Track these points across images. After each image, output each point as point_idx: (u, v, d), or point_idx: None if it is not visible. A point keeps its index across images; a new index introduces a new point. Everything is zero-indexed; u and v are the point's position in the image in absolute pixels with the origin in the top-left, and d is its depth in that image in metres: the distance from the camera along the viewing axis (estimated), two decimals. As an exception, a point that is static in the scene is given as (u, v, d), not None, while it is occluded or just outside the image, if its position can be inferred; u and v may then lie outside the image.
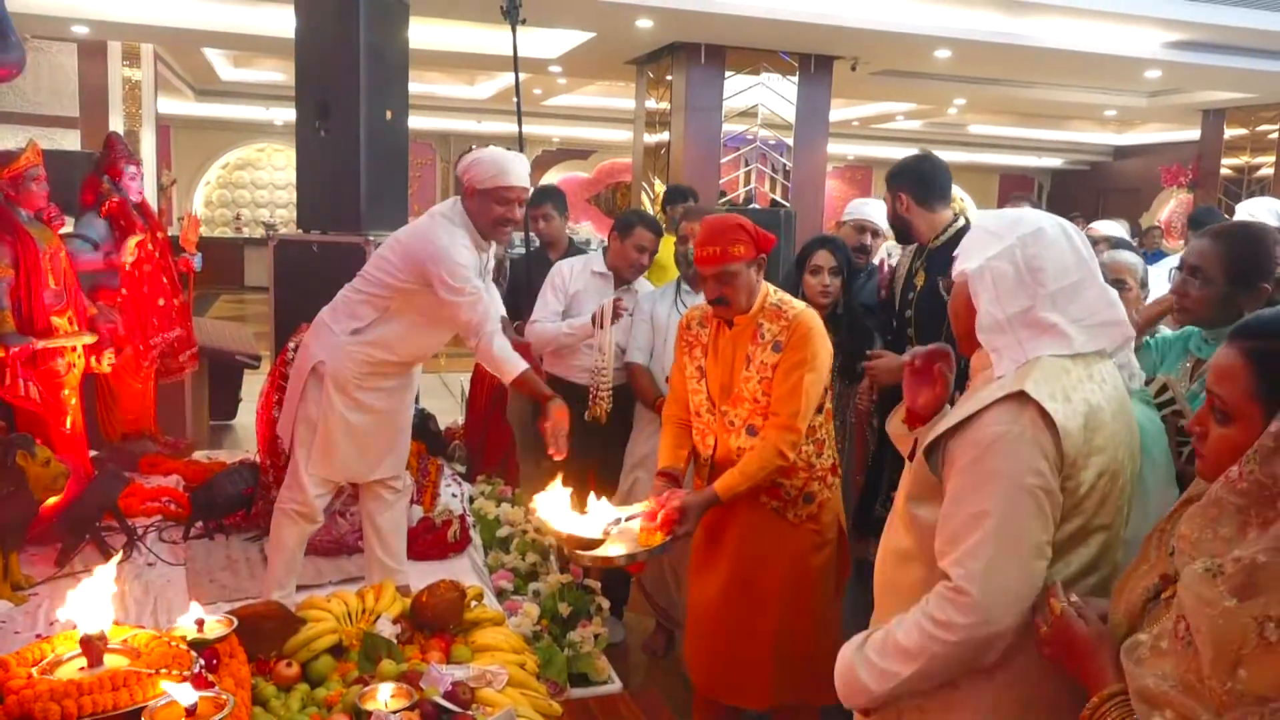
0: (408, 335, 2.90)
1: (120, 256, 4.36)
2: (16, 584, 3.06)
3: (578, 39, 8.67)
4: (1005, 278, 1.55)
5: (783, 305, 2.66)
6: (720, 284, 2.61)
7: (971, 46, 8.30)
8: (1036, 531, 1.47)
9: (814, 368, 2.59)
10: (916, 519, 1.63)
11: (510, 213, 2.84)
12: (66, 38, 9.06)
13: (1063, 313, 1.55)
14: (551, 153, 18.19)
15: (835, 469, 2.79)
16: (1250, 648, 1.01)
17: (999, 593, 1.46)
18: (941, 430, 1.56)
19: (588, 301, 3.80)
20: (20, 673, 1.78)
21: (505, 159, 2.83)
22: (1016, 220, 1.61)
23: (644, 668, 3.80)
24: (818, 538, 2.72)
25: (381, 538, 3.13)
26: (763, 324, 2.64)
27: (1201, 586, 1.07)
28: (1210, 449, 1.25)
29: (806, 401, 2.58)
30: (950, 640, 1.48)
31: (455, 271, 2.74)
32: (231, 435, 6.68)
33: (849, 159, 18.67)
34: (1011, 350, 1.55)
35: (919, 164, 3.23)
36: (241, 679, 1.95)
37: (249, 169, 17.36)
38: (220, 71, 12.17)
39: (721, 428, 2.72)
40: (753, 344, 2.65)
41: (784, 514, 2.69)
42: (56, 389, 3.68)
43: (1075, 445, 1.47)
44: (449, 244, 2.76)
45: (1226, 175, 11.45)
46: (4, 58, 3.54)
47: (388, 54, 4.78)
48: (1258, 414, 1.15)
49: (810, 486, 2.70)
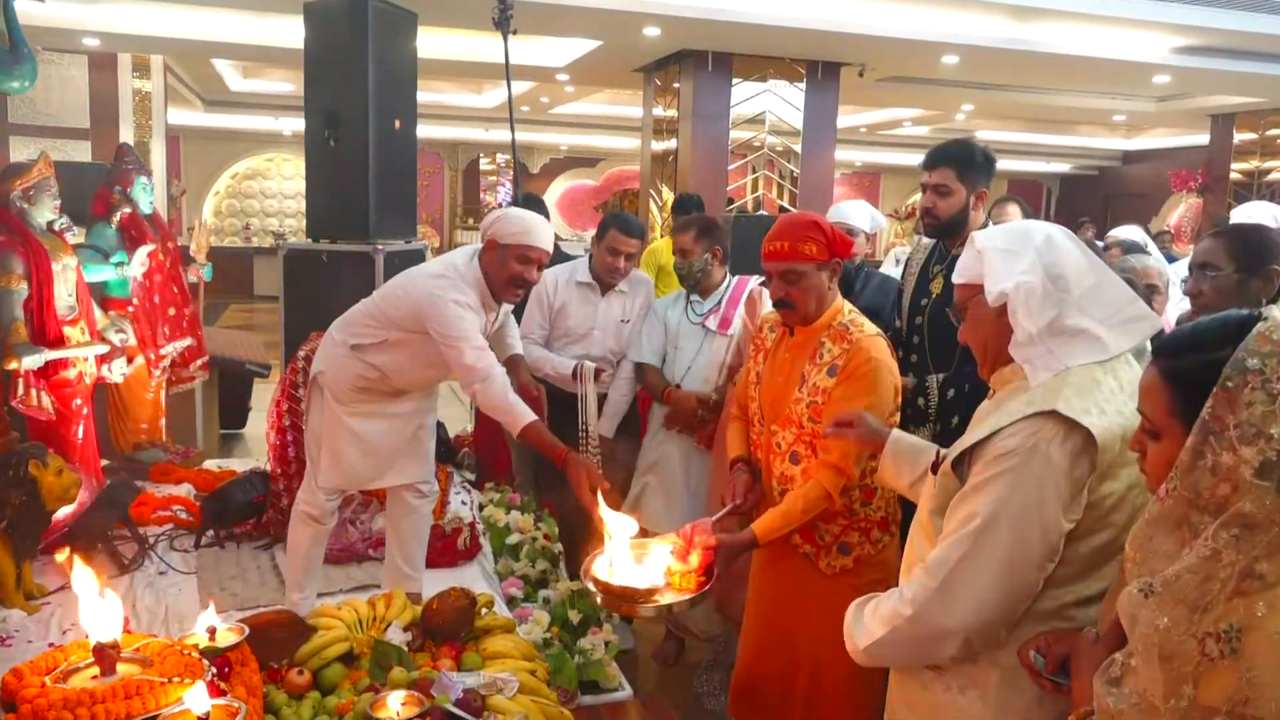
0: (406, 367, 2.88)
1: (131, 267, 4.39)
2: (29, 593, 3.07)
3: (585, 47, 8.69)
4: (1034, 292, 1.55)
5: (851, 327, 2.42)
6: (786, 284, 2.41)
7: (979, 52, 8.30)
8: (1027, 547, 1.48)
9: (874, 405, 2.32)
10: (940, 531, 1.63)
11: (528, 274, 2.76)
12: (77, 50, 9.13)
13: (1089, 315, 1.55)
14: (559, 160, 18.24)
15: (887, 525, 2.50)
16: (1193, 665, 1.02)
17: (958, 590, 1.52)
18: (970, 444, 1.58)
19: (574, 313, 3.74)
20: (34, 681, 1.79)
21: (534, 220, 2.78)
22: (1024, 234, 1.61)
23: (654, 675, 3.79)
24: (857, 596, 2.51)
25: (402, 543, 3.13)
26: (825, 342, 2.42)
27: (1138, 607, 1.08)
28: (1149, 466, 1.26)
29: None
30: (905, 615, 1.60)
31: (452, 328, 2.68)
32: (242, 444, 6.70)
33: (856, 165, 18.67)
34: (1045, 360, 1.56)
35: (987, 157, 2.83)
36: (253, 687, 1.95)
37: (258, 179, 17.43)
38: (229, 82, 12.24)
39: (768, 448, 2.56)
40: (810, 362, 2.43)
41: (816, 561, 2.48)
42: (68, 399, 3.70)
43: (1109, 459, 1.49)
44: (450, 301, 2.69)
45: (1236, 180, 11.42)
46: (16, 70, 3.56)
47: (396, 64, 4.80)
48: (1179, 430, 1.16)
49: (848, 536, 2.46)
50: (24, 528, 3.01)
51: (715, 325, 3.59)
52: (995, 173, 2.86)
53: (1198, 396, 1.09)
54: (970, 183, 2.80)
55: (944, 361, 2.88)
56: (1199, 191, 12.34)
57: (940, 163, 2.82)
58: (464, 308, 2.70)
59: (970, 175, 2.80)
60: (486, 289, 2.79)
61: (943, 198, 2.82)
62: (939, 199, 2.83)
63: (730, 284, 3.65)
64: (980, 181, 2.82)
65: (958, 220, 2.82)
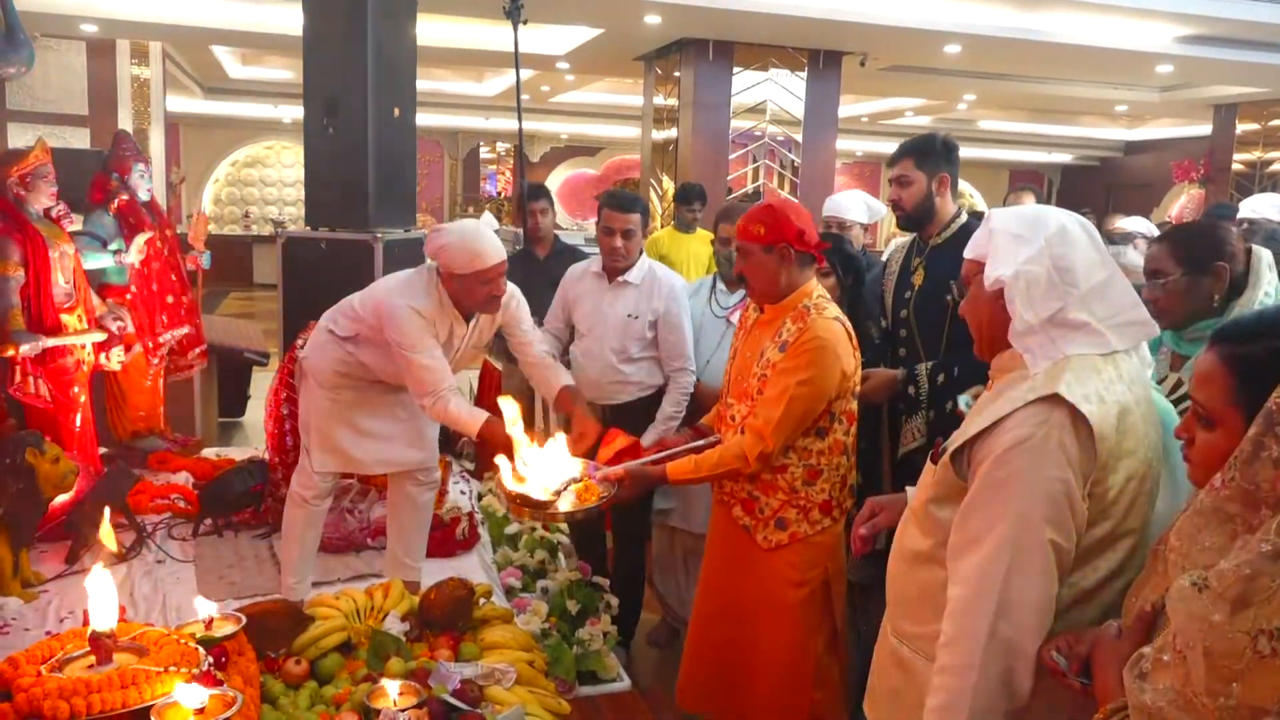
0: (379, 363, 2.90)
1: (129, 254, 4.37)
2: (26, 581, 3.07)
3: (586, 35, 8.65)
4: (1038, 282, 1.53)
5: (812, 309, 2.50)
6: (740, 259, 2.57)
7: (981, 41, 8.26)
8: (1055, 537, 1.44)
9: (807, 381, 2.41)
10: (939, 522, 1.60)
11: (496, 289, 2.74)
12: (75, 36, 9.08)
13: (1092, 312, 1.53)
14: (559, 149, 18.19)
15: (829, 509, 2.56)
16: (1244, 662, 0.99)
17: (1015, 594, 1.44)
18: (971, 434, 1.55)
19: (584, 302, 3.60)
20: (30, 670, 1.79)
21: (476, 240, 2.70)
22: (1038, 220, 1.58)
23: (653, 665, 3.79)
24: (794, 574, 2.55)
25: (402, 533, 3.15)
26: (786, 321, 2.51)
27: (1189, 601, 1.05)
28: (1197, 455, 1.24)
29: (787, 414, 2.42)
30: (972, 664, 1.44)
31: (405, 336, 2.71)
32: (240, 432, 6.70)
33: (858, 155, 18.61)
34: (1045, 348, 1.53)
35: (946, 144, 2.93)
36: (250, 676, 1.95)
37: (257, 166, 17.38)
38: (229, 69, 12.19)
39: (724, 420, 2.67)
40: (771, 340, 2.53)
41: (753, 533, 2.57)
42: (66, 386, 3.69)
43: (1109, 448, 1.46)
44: (407, 307, 2.72)
45: (1238, 170, 11.38)
46: (12, 56, 3.54)
47: (395, 51, 4.78)
48: (1238, 418, 1.13)
49: (786, 512, 2.53)
50: (21, 516, 3.01)
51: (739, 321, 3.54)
52: (958, 159, 2.93)
53: (1261, 384, 1.05)
54: (929, 169, 2.87)
55: (933, 354, 2.91)
56: (1201, 182, 12.30)
57: (899, 157, 2.94)
58: (420, 316, 2.72)
59: (928, 163, 2.87)
60: (453, 306, 2.79)
61: (904, 188, 2.91)
62: (901, 190, 2.92)
63: None
64: (940, 167, 2.88)
65: (925, 208, 2.90)
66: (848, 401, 2.54)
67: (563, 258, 4.29)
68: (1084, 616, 1.49)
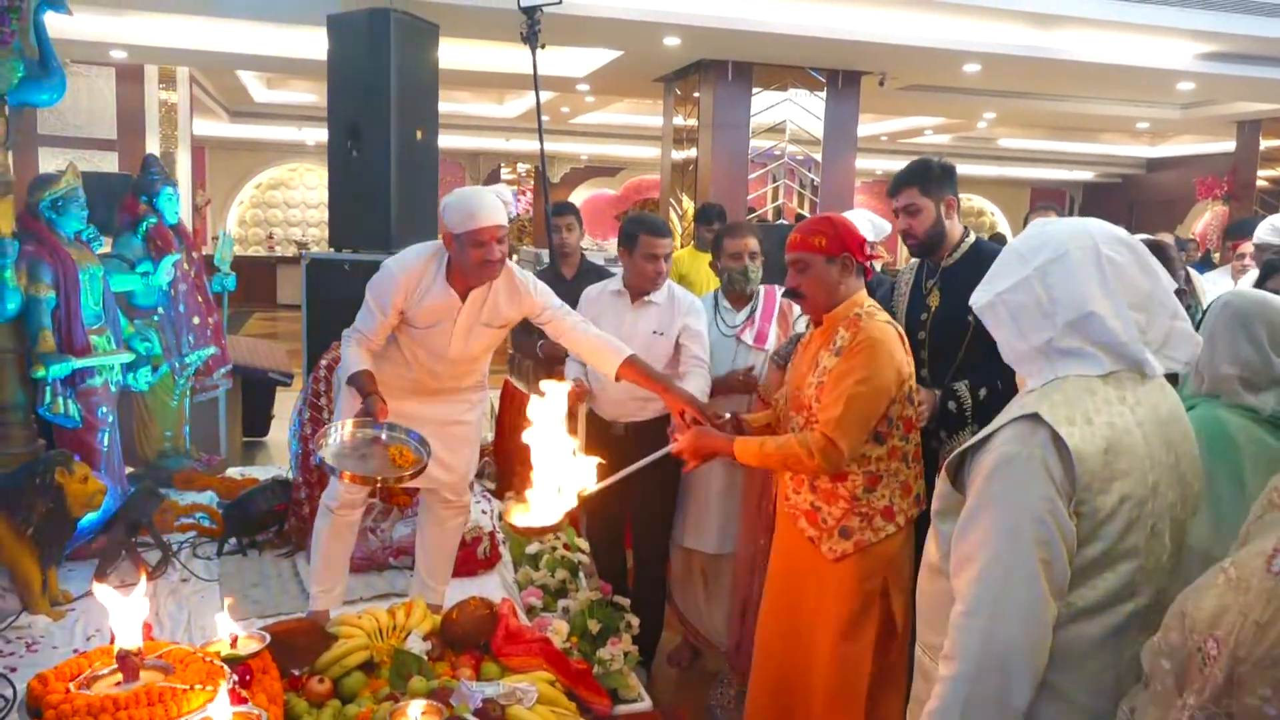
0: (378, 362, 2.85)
1: (157, 276, 4.43)
2: (54, 600, 3.10)
3: (605, 57, 8.72)
4: (1026, 310, 1.54)
5: (864, 316, 2.52)
6: (796, 273, 2.57)
7: (1001, 60, 8.26)
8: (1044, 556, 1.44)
9: (864, 380, 2.41)
10: (944, 536, 1.62)
11: (488, 254, 2.71)
12: (105, 62, 9.26)
13: (1085, 338, 1.51)
14: (579, 170, 18.30)
15: (891, 515, 2.52)
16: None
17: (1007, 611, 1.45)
18: (965, 447, 1.56)
19: (605, 321, 3.51)
20: (58, 687, 1.81)
21: (475, 200, 2.70)
22: (1040, 245, 1.56)
23: (673, 685, 3.78)
24: (850, 583, 2.52)
25: (427, 554, 3.14)
26: (840, 330, 2.52)
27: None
28: None
29: (849, 414, 2.41)
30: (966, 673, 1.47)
31: (371, 285, 2.79)
32: (264, 452, 6.75)
33: (877, 174, 18.61)
34: (1042, 373, 1.55)
35: (943, 166, 2.94)
36: (274, 695, 1.97)
37: (282, 188, 17.59)
38: (254, 93, 12.36)
39: (785, 434, 2.64)
40: (825, 349, 2.54)
41: (818, 544, 2.56)
42: (94, 407, 3.74)
43: (1092, 470, 1.44)
44: (388, 269, 2.78)
45: (1263, 187, 11.29)
46: (45, 83, 3.61)
47: (417, 74, 4.84)
48: None
49: (849, 521, 2.52)
50: (50, 534, 3.04)
51: (751, 339, 3.53)
52: (957, 177, 2.94)
53: None
54: (935, 195, 2.89)
55: (949, 374, 2.89)
56: (1224, 199, 12.22)
57: (901, 186, 2.93)
58: (398, 276, 2.75)
59: (933, 188, 2.89)
60: (446, 279, 2.80)
61: (914, 216, 2.91)
62: (911, 219, 2.92)
63: (760, 294, 3.62)
64: (945, 190, 2.90)
65: (936, 233, 2.91)
66: (904, 407, 2.52)
67: (589, 278, 4.28)
68: (1086, 634, 1.48)
